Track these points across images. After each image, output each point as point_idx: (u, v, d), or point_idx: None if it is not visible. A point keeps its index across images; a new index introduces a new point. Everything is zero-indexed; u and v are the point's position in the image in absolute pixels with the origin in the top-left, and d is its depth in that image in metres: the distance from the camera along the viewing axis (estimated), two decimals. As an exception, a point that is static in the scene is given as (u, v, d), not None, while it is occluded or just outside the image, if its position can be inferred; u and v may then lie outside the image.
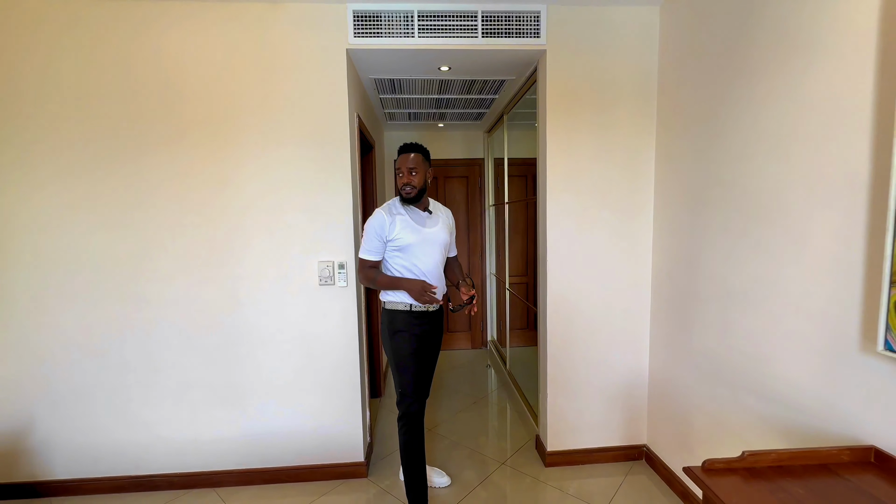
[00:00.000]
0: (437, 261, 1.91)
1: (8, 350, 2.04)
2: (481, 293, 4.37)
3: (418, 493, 1.88)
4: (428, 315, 1.91)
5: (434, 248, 1.89)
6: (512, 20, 2.10)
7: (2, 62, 1.92)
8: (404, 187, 1.85)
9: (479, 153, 4.28)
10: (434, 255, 1.89)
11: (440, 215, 1.98)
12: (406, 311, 1.87)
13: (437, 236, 1.91)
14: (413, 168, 1.85)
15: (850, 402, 1.20)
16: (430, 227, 1.90)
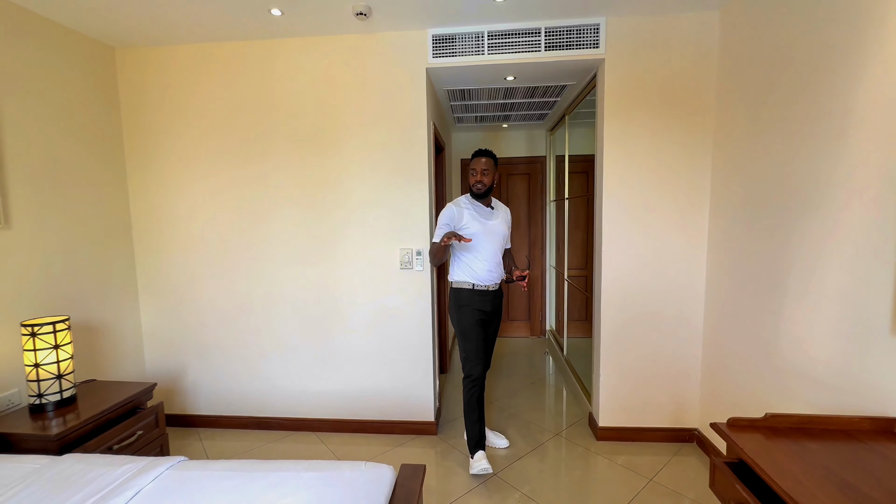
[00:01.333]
0: (496, 249, 2.25)
1: (169, 314, 2.68)
2: (541, 285, 4.58)
3: (478, 440, 2.22)
4: (488, 292, 2.25)
5: (494, 238, 2.23)
6: (572, 33, 2.32)
7: (173, 92, 2.52)
8: (476, 184, 2.22)
9: (541, 151, 4.48)
10: (494, 243, 2.24)
11: (500, 212, 2.33)
12: (469, 288, 2.24)
13: (497, 228, 2.26)
14: (485, 169, 2.22)
15: (880, 381, 1.32)
16: (492, 221, 2.26)
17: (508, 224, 2.37)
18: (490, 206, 2.32)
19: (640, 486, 2.09)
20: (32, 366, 1.82)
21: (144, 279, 2.67)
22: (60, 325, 1.87)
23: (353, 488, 1.29)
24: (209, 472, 1.40)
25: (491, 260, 2.24)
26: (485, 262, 2.22)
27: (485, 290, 2.25)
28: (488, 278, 2.23)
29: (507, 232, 2.33)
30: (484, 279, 2.23)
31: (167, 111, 2.55)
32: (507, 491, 2.08)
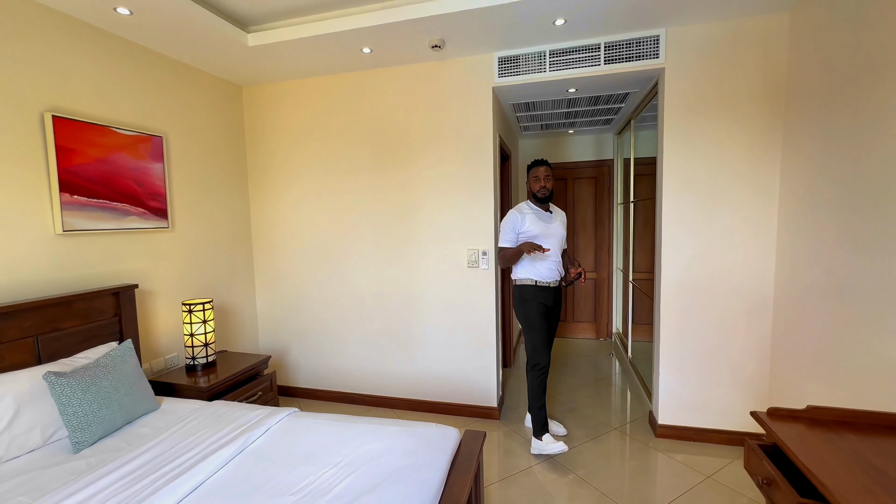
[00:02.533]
0: (556, 249, 2.49)
1: (277, 301, 3.25)
2: (607, 287, 4.61)
3: (543, 424, 2.44)
4: (549, 288, 2.47)
5: (553, 239, 2.48)
6: (632, 46, 2.44)
7: (283, 118, 3.08)
8: (541, 189, 2.48)
9: (608, 154, 4.51)
10: (553, 244, 2.47)
11: (557, 215, 2.58)
12: (532, 284, 2.46)
13: (556, 230, 2.51)
14: (547, 175, 2.49)
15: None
16: (551, 223, 2.51)
17: (565, 226, 2.59)
18: (549, 210, 2.55)
19: (697, 482, 2.15)
20: (189, 335, 2.40)
21: (259, 272, 3.26)
22: (208, 305, 2.44)
23: (426, 440, 1.60)
24: (317, 420, 1.80)
25: (551, 259, 2.47)
26: (546, 260, 2.45)
27: (546, 286, 2.48)
28: (549, 276, 2.46)
29: (564, 233, 2.55)
30: (545, 276, 2.46)
31: (278, 134, 3.10)
32: (562, 471, 2.26)
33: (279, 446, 1.62)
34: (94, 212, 2.10)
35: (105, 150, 2.15)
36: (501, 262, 2.55)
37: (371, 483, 1.37)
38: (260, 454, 1.57)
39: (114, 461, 1.50)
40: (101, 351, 1.95)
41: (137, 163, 2.32)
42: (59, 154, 1.94)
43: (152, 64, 2.44)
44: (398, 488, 1.33)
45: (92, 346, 2.01)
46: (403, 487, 1.33)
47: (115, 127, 2.20)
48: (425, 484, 1.36)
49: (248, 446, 1.62)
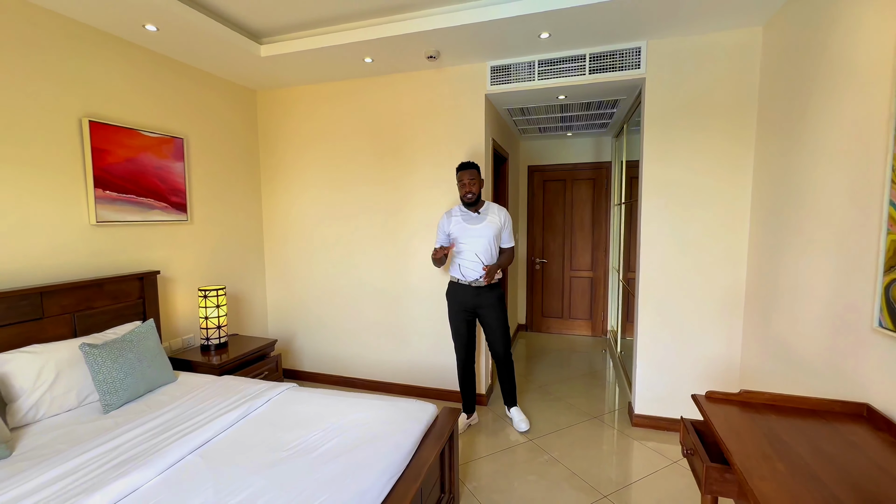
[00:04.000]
0: (479, 250, 2.52)
1: (284, 290, 3.50)
2: (603, 286, 4.75)
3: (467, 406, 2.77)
4: (469, 287, 2.57)
5: (476, 240, 2.52)
6: (616, 57, 2.59)
7: (291, 121, 3.32)
8: (466, 194, 2.50)
9: (606, 156, 4.64)
10: (475, 245, 2.52)
11: (488, 216, 2.56)
12: (455, 282, 2.64)
13: (481, 232, 2.52)
14: (472, 180, 2.49)
15: (858, 370, 1.47)
16: (476, 225, 2.54)
17: (497, 226, 2.55)
18: (478, 212, 2.57)
19: (662, 466, 2.31)
20: (203, 318, 2.66)
21: (269, 263, 3.52)
22: (221, 291, 2.70)
23: (405, 412, 1.82)
24: (312, 394, 2.03)
25: (472, 259, 2.52)
26: (466, 261, 2.54)
27: (467, 284, 2.56)
28: (468, 274, 2.54)
29: (492, 234, 2.53)
30: (465, 276, 2.55)
31: (288, 135, 3.35)
32: (537, 452, 2.45)
33: (278, 413, 1.85)
34: (123, 205, 2.37)
35: (133, 151, 2.42)
36: (434, 262, 2.59)
37: (352, 444, 1.58)
38: (261, 419, 1.81)
39: (136, 420, 1.76)
40: (128, 328, 2.22)
41: (161, 162, 2.58)
42: (94, 154, 2.21)
43: (175, 72, 2.70)
44: (375, 448, 1.54)
45: (119, 323, 2.28)
46: (380, 447, 1.55)
47: (142, 130, 2.46)
48: (398, 445, 1.57)
49: (252, 413, 1.86)
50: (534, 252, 4.98)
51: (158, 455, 1.49)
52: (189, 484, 1.36)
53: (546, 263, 4.95)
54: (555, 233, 4.89)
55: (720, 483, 1.23)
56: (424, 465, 1.53)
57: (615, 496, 2.07)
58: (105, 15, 2.12)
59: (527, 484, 2.16)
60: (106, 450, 1.54)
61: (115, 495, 1.28)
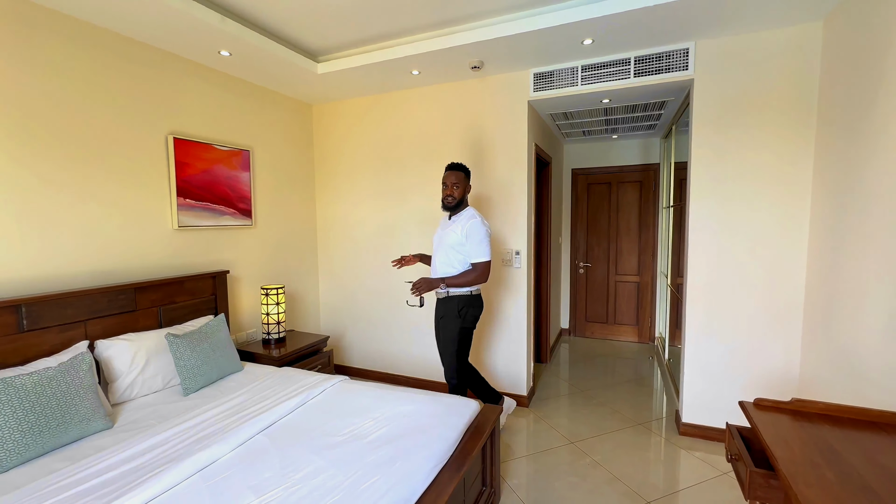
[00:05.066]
0: (439, 259, 2.33)
1: (336, 290, 3.72)
2: (650, 291, 4.61)
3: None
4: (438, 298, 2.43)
5: (438, 245, 2.37)
6: (662, 59, 2.56)
7: (343, 131, 3.54)
8: (446, 198, 2.31)
9: (654, 158, 4.52)
10: (437, 254, 2.36)
11: (455, 223, 2.31)
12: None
13: (443, 239, 2.33)
14: (455, 182, 2.30)
15: (928, 384, 1.38)
16: (443, 230, 2.38)
17: (455, 237, 2.27)
18: (451, 218, 2.37)
19: (710, 476, 2.25)
20: (265, 314, 2.91)
21: (322, 264, 3.76)
22: (280, 290, 2.94)
23: (448, 407, 1.91)
24: (362, 386, 2.18)
25: (434, 267, 2.39)
26: (432, 268, 2.44)
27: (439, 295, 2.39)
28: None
29: (450, 241, 2.28)
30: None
31: (340, 145, 3.57)
32: (579, 455, 2.46)
33: (332, 403, 2.01)
34: (199, 212, 2.66)
35: (208, 163, 2.70)
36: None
37: (400, 433, 1.70)
38: (317, 407, 1.97)
39: (211, 403, 1.98)
40: (203, 321, 2.48)
41: (231, 172, 2.86)
42: (177, 167, 2.51)
43: (243, 90, 2.98)
44: (421, 437, 1.65)
45: (196, 317, 2.55)
46: (425, 438, 1.66)
47: (215, 144, 2.75)
48: (443, 437, 1.67)
49: (309, 401, 2.04)
50: (577, 256, 4.93)
51: (231, 433, 1.68)
52: (258, 459, 1.54)
53: (590, 267, 4.89)
54: (599, 236, 4.82)
55: (765, 489, 1.23)
56: (467, 456, 1.62)
57: (659, 503, 2.05)
58: (188, 44, 2.40)
59: (568, 485, 2.19)
60: (188, 426, 1.76)
61: (199, 464, 1.48)
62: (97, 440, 1.68)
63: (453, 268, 2.33)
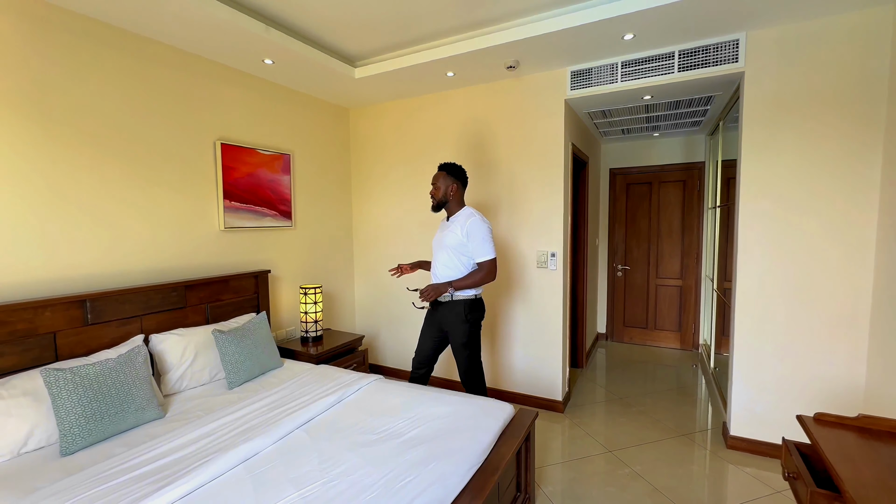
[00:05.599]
0: (440, 261, 2.32)
1: (371, 290, 3.78)
2: (694, 295, 4.40)
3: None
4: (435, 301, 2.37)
5: (438, 248, 2.35)
6: (709, 52, 2.44)
7: (379, 134, 3.60)
8: (431, 198, 2.38)
9: (698, 156, 4.31)
10: (437, 256, 2.34)
11: (453, 224, 2.31)
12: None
13: (443, 241, 2.32)
14: (435, 183, 2.33)
15: None
16: (441, 233, 2.38)
17: (456, 238, 2.26)
18: (449, 218, 2.38)
19: (761, 494, 2.11)
20: (304, 313, 3.00)
21: (358, 265, 3.83)
22: (318, 289, 3.02)
23: (484, 409, 1.90)
24: (397, 386, 2.20)
25: (435, 269, 2.36)
26: (432, 273, 2.41)
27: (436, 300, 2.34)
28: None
29: (453, 244, 2.26)
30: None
31: (376, 148, 3.64)
32: (617, 465, 2.37)
33: (368, 401, 2.04)
34: (244, 214, 2.78)
35: (252, 167, 2.82)
36: None
37: (434, 434, 1.70)
38: (353, 405, 2.01)
39: (253, 397, 2.06)
40: (246, 318, 2.59)
41: (273, 175, 2.97)
42: (223, 171, 2.63)
43: (283, 96, 3.10)
44: (455, 439, 1.65)
45: (240, 314, 2.67)
46: (459, 440, 1.65)
47: (258, 148, 2.87)
48: (476, 440, 1.65)
49: (345, 399, 2.08)
50: (615, 258, 4.77)
51: (273, 427, 1.74)
52: (298, 453, 1.58)
53: (629, 270, 4.72)
54: (639, 238, 4.65)
55: (828, 512, 1.13)
56: (502, 460, 1.59)
57: (705, 519, 1.94)
58: (235, 53, 2.52)
59: (605, 495, 2.11)
60: (233, 419, 1.84)
61: (243, 455, 1.54)
62: (151, 428, 1.79)
63: (455, 269, 2.29)
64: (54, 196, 1.95)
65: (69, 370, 1.69)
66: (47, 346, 1.85)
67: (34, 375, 1.71)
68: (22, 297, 1.85)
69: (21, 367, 1.77)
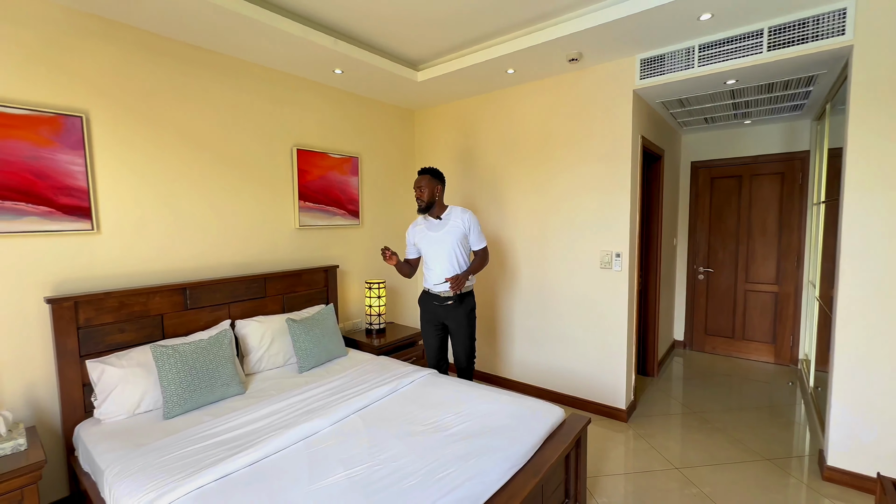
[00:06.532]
0: (443, 257, 2.46)
1: (433, 286, 3.88)
2: (793, 304, 3.87)
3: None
4: (439, 297, 2.51)
5: (439, 247, 2.46)
6: (807, 25, 2.14)
7: (441, 134, 3.68)
8: (417, 201, 2.48)
9: (800, 145, 3.77)
10: (439, 253, 2.47)
11: (449, 222, 2.46)
12: (425, 291, 2.60)
13: (443, 238, 2.46)
14: (420, 186, 2.44)
15: None
16: (437, 232, 2.48)
17: (461, 230, 2.45)
18: (439, 217, 2.49)
19: (864, 536, 1.81)
20: (368, 306, 3.19)
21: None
22: (382, 284, 3.19)
23: (531, 411, 1.88)
24: (448, 381, 2.26)
25: (438, 268, 2.47)
26: (432, 270, 2.50)
27: (436, 294, 2.51)
28: (436, 286, 2.49)
29: (454, 239, 2.44)
30: (432, 286, 2.52)
31: (437, 147, 3.72)
32: (684, 483, 2.19)
33: (419, 394, 2.12)
34: (316, 213, 3.03)
35: (323, 170, 3.06)
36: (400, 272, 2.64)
37: (479, 430, 1.73)
38: (405, 396, 2.10)
39: (319, 381, 2.25)
40: (316, 309, 2.82)
41: (342, 177, 3.20)
42: (299, 174, 2.89)
43: (351, 102, 3.30)
44: (499, 438, 1.65)
45: (311, 305, 2.92)
46: (503, 439, 1.65)
47: (329, 152, 3.10)
48: (520, 440, 1.64)
49: (399, 389, 2.18)
50: (696, 260, 4.36)
51: (332, 410, 1.89)
52: (351, 436, 1.71)
53: (712, 273, 4.29)
54: (725, 238, 4.20)
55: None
56: (546, 463, 1.57)
57: (786, 555, 1.73)
58: (307, 65, 2.75)
59: (667, 514, 1.97)
60: (299, 399, 2.03)
61: (304, 433, 1.70)
62: (232, 402, 2.04)
63: (461, 261, 2.48)
64: (162, 205, 2.29)
65: (171, 347, 1.99)
66: (156, 326, 2.20)
67: (146, 350, 2.04)
68: (139, 284, 2.21)
69: (136, 343, 2.12)
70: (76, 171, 1.96)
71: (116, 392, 1.88)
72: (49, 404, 1.95)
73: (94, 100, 2.03)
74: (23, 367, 1.87)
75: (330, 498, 1.32)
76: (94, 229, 2.03)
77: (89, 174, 2.01)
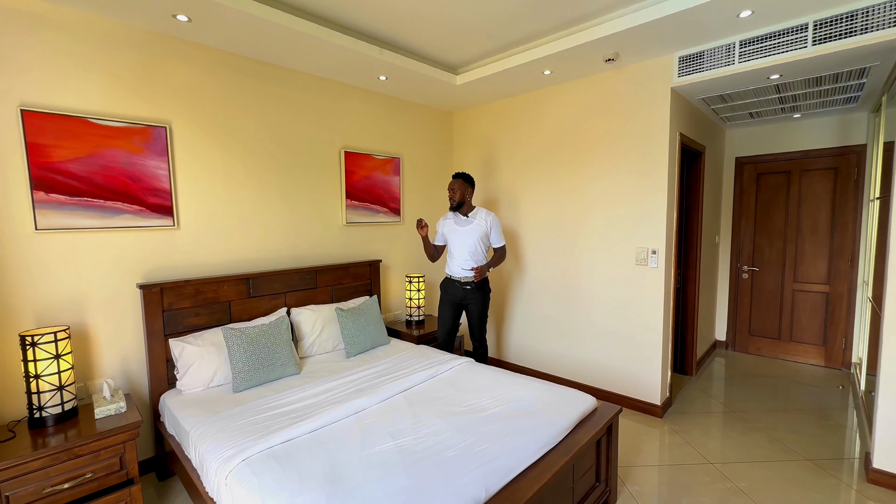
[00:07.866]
0: (467, 250, 2.82)
1: (469, 282, 4.02)
2: (846, 305, 3.70)
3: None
4: (459, 283, 2.86)
5: (464, 241, 2.82)
6: (855, 18, 2.09)
7: (479, 133, 3.81)
8: (450, 200, 2.86)
9: (855, 139, 3.60)
10: (463, 246, 2.83)
11: (475, 220, 2.84)
12: (446, 278, 2.94)
13: (468, 234, 2.82)
14: (454, 188, 2.83)
15: None
16: (463, 227, 2.84)
17: (483, 229, 2.83)
18: (467, 215, 2.86)
19: (908, 538, 1.79)
20: (408, 299, 3.37)
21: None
22: (421, 278, 3.37)
23: (563, 398, 1.98)
24: (484, 368, 2.40)
25: (460, 258, 2.83)
26: (455, 259, 2.87)
27: (457, 280, 2.86)
28: (459, 273, 2.84)
29: (477, 235, 2.81)
30: (455, 273, 2.86)
31: (476, 148, 3.85)
32: (718, 478, 2.22)
33: (457, 379, 2.27)
34: (361, 211, 3.24)
35: (368, 171, 3.27)
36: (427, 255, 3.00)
37: (513, 413, 1.85)
38: (444, 381, 2.26)
39: (365, 366, 2.45)
40: (362, 300, 3.04)
41: (385, 177, 3.40)
42: (346, 175, 3.12)
43: (393, 106, 3.49)
44: (531, 421, 1.77)
45: (357, 296, 3.14)
46: (536, 421, 1.77)
47: (374, 154, 3.31)
48: (552, 423, 1.75)
49: (438, 375, 2.34)
50: (740, 258, 4.25)
51: (378, 390, 2.08)
52: (396, 413, 1.88)
53: (757, 272, 4.16)
54: (772, 236, 4.06)
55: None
56: (576, 444, 1.67)
57: (820, 550, 1.74)
58: (354, 73, 2.95)
59: (698, 504, 2.01)
60: (348, 380, 2.24)
61: (354, 409, 1.90)
62: (289, 381, 2.27)
63: (483, 255, 2.88)
64: (228, 203, 2.57)
65: (238, 329, 2.25)
66: (225, 311, 2.47)
67: (217, 332, 2.31)
68: (211, 274, 2.49)
69: (209, 326, 2.41)
70: (161, 174, 2.26)
71: (194, 367, 2.16)
72: (138, 376, 2.26)
73: (175, 111, 2.32)
74: (119, 343, 2.19)
75: (381, 462, 1.50)
76: (174, 225, 2.33)
77: (171, 177, 2.30)
